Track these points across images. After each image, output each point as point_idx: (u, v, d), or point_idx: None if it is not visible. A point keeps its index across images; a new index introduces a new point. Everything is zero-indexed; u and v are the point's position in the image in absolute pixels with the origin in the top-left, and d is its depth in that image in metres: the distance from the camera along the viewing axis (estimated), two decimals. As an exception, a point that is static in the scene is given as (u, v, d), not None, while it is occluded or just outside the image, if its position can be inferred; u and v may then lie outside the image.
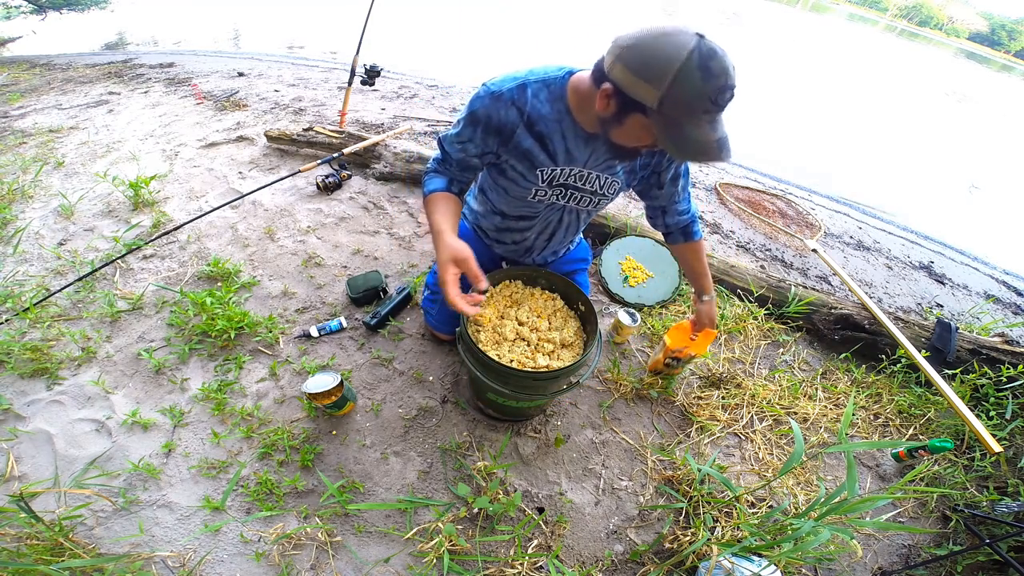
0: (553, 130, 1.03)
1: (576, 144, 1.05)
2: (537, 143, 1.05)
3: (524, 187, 1.14)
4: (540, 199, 1.17)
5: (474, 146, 1.08)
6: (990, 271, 3.13)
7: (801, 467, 1.51)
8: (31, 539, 1.09)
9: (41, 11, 5.98)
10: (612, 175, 1.13)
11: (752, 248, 2.59)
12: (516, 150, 1.06)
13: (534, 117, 1.01)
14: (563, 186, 1.14)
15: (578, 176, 1.12)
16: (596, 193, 1.16)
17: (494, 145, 1.07)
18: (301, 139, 2.64)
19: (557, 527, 1.28)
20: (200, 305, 1.63)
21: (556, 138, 1.04)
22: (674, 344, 1.52)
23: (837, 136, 5.70)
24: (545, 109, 1.01)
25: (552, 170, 1.09)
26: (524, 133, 1.03)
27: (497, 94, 1.00)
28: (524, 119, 1.02)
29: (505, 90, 0.99)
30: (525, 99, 1.00)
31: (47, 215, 2.15)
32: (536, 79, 1.01)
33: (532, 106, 1.00)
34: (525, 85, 1.00)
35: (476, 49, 6.45)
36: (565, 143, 1.05)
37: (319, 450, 1.36)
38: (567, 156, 1.07)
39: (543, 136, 1.04)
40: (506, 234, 1.35)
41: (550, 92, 1.00)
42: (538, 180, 1.11)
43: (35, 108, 3.25)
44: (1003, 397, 1.70)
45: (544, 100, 1.01)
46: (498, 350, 1.22)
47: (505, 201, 1.24)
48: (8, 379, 1.46)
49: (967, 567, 1.33)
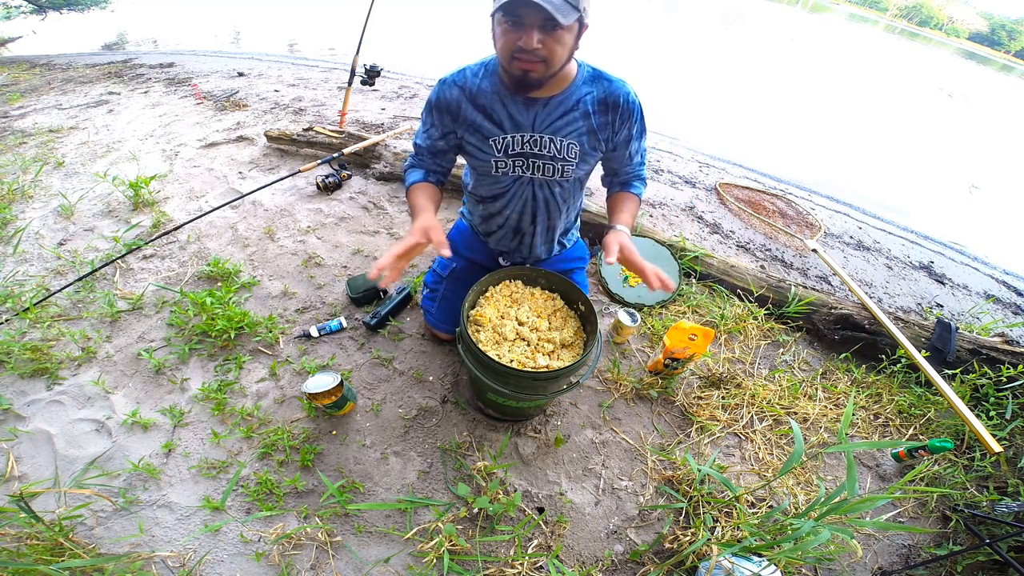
0: (493, 100, 1.15)
1: (518, 110, 1.14)
2: (481, 114, 1.17)
3: (483, 160, 1.23)
4: (503, 171, 1.24)
5: (435, 129, 1.24)
6: (990, 271, 3.13)
7: (801, 467, 1.51)
8: (31, 539, 1.09)
9: (41, 11, 5.97)
10: (565, 137, 1.17)
11: (752, 248, 2.59)
12: (466, 124, 1.19)
13: (474, 92, 1.15)
14: (521, 155, 1.20)
15: (532, 142, 1.18)
16: (556, 158, 1.20)
17: (450, 124, 1.21)
18: (301, 139, 2.65)
19: (557, 527, 1.28)
20: (200, 305, 1.63)
21: (498, 107, 1.15)
22: (674, 345, 1.52)
23: (837, 136, 5.70)
24: (484, 84, 1.15)
25: (503, 138, 1.18)
26: (469, 107, 1.17)
27: (443, 81, 1.19)
28: (467, 94, 1.16)
29: (449, 77, 1.18)
30: (465, 78, 1.17)
31: (47, 215, 2.15)
32: (476, 63, 1.18)
33: (472, 83, 1.16)
34: (465, 69, 1.18)
35: (476, 49, 6.44)
36: (507, 110, 1.15)
37: (319, 450, 1.36)
38: (512, 122, 1.16)
39: (485, 108, 1.16)
40: (491, 221, 1.42)
41: (487, 69, 1.16)
42: (493, 150, 1.20)
43: (35, 108, 3.25)
44: (1003, 397, 1.70)
45: (482, 76, 1.16)
46: (498, 350, 1.22)
47: (477, 181, 1.34)
48: (8, 379, 1.46)
49: (967, 567, 1.33)
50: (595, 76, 1.16)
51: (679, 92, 5.95)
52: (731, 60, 9.32)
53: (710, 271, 2.13)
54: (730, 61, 9.22)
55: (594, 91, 1.15)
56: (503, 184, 1.28)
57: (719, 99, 6.17)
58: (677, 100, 5.52)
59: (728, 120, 5.21)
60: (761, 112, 5.89)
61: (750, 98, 6.46)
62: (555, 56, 0.99)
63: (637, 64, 6.79)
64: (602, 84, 1.15)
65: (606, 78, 1.16)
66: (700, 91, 6.36)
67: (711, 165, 3.65)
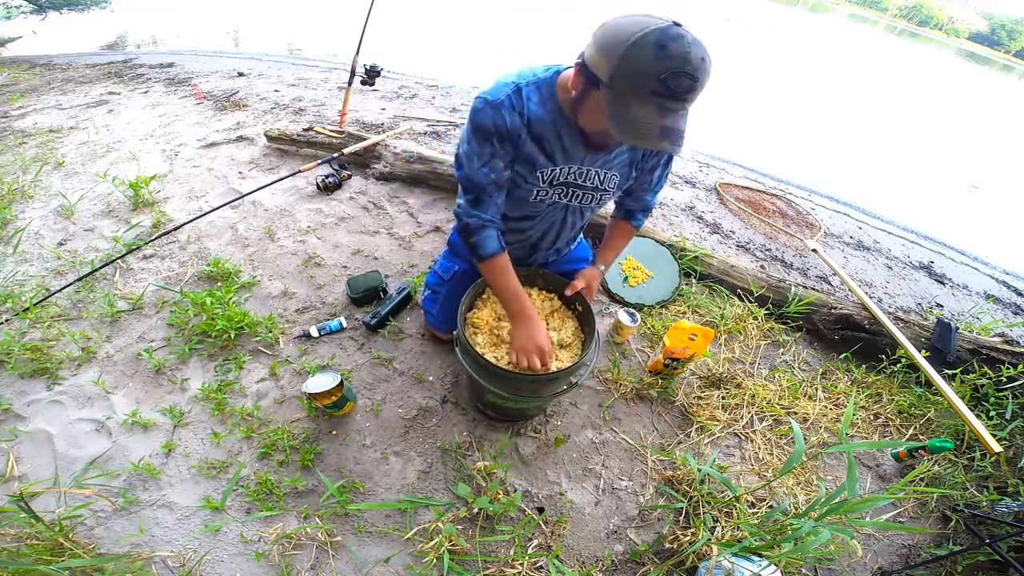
0: (548, 130, 1.02)
1: (572, 142, 1.04)
2: (536, 145, 1.04)
3: (526, 189, 1.14)
4: (542, 199, 1.17)
5: (499, 159, 1.05)
6: (990, 271, 3.13)
7: (801, 467, 1.51)
8: (31, 539, 1.09)
9: (41, 11, 5.97)
10: (609, 169, 1.13)
11: (752, 248, 2.59)
12: (520, 155, 1.05)
13: (532, 120, 1.01)
14: (564, 184, 1.14)
15: (577, 174, 1.12)
16: (597, 189, 1.16)
17: (511, 152, 1.04)
18: (301, 139, 2.64)
19: (557, 527, 1.28)
20: (200, 305, 1.63)
21: (552, 138, 1.03)
22: (674, 345, 1.52)
23: (837, 136, 5.70)
24: (539, 111, 1.01)
25: (552, 170, 1.09)
26: (527, 138, 1.03)
27: (496, 103, 0.98)
28: (525, 123, 1.01)
29: (503, 97, 0.99)
30: (523, 103, 0.99)
31: (47, 215, 2.15)
32: (528, 82, 1.00)
33: (529, 109, 1.00)
34: (520, 88, 0.99)
35: (476, 49, 6.45)
36: (561, 142, 1.04)
37: (319, 450, 1.36)
38: (564, 155, 1.07)
39: (540, 138, 1.03)
40: (508, 234, 1.35)
41: (541, 93, 1.00)
42: (539, 181, 1.11)
43: (35, 108, 3.25)
44: (1003, 397, 1.70)
45: (537, 102, 1.00)
46: (496, 352, 1.22)
47: (507, 203, 1.22)
48: (8, 379, 1.46)
49: (967, 567, 1.33)
50: None
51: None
52: (731, 60, 9.31)
53: (710, 271, 2.13)
54: (730, 61, 9.21)
55: None
56: (538, 210, 1.23)
57: (719, 99, 6.16)
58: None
59: (728, 120, 5.20)
60: (761, 112, 5.89)
61: (750, 98, 6.45)
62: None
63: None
64: None
65: None
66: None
67: (711, 165, 3.65)
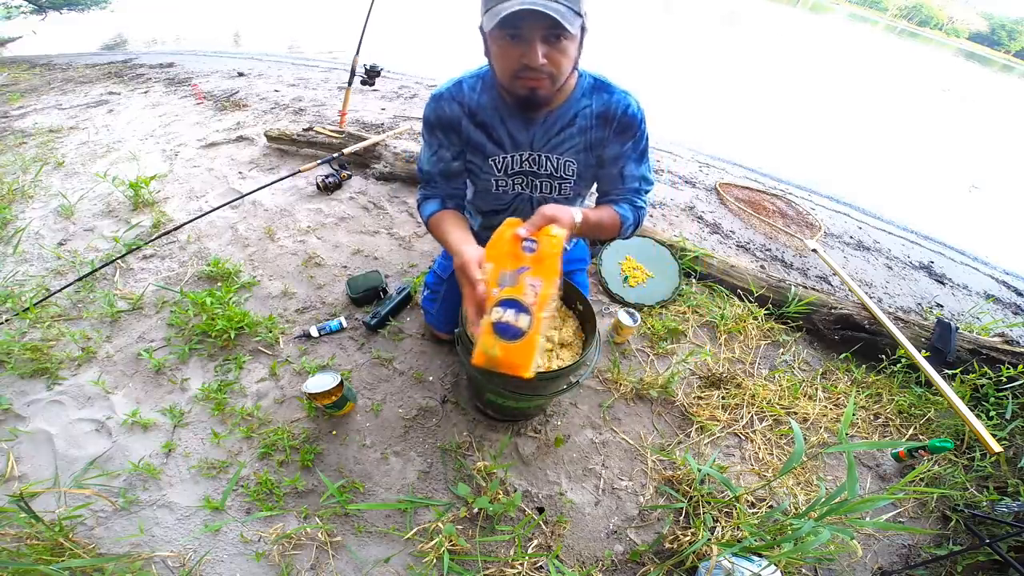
0: (493, 117, 1.08)
1: (517, 128, 1.09)
2: (483, 133, 1.11)
3: (485, 179, 1.19)
4: (504, 189, 1.22)
5: (446, 150, 1.14)
6: (990, 271, 3.13)
7: (801, 467, 1.51)
8: (31, 539, 1.09)
9: (41, 11, 5.98)
10: (562, 155, 1.14)
11: (752, 248, 2.59)
12: (468, 143, 1.13)
13: (474, 108, 1.08)
14: (520, 173, 1.17)
15: (531, 161, 1.15)
16: (553, 176, 1.17)
17: (457, 142, 1.13)
18: (301, 139, 2.65)
19: (557, 527, 1.28)
20: (200, 305, 1.63)
21: (497, 124, 1.09)
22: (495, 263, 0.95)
23: (837, 136, 5.70)
24: (483, 98, 1.07)
25: (504, 158, 1.14)
26: (469, 125, 1.10)
27: (438, 95, 1.09)
28: (466, 111, 1.08)
29: (444, 90, 1.09)
30: (462, 92, 1.08)
31: (47, 215, 2.15)
32: (470, 74, 1.09)
33: (470, 98, 1.08)
34: (461, 81, 1.09)
35: (476, 49, 6.44)
36: (507, 127, 1.09)
37: (319, 450, 1.36)
38: (512, 142, 1.11)
39: (486, 125, 1.10)
40: (492, 231, 1.36)
41: (484, 82, 1.08)
42: (494, 170, 1.16)
43: (35, 108, 3.25)
44: (1003, 397, 1.70)
45: (480, 91, 1.07)
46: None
47: (477, 196, 1.29)
48: (8, 379, 1.46)
49: (967, 567, 1.33)
50: (596, 86, 1.08)
51: (679, 92, 5.94)
52: (731, 59, 9.32)
53: (710, 271, 2.13)
54: (730, 60, 9.21)
55: (593, 103, 1.07)
56: (504, 201, 1.26)
57: (719, 99, 6.16)
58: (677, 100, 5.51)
59: (728, 120, 5.20)
60: (761, 112, 5.89)
61: (750, 98, 6.46)
62: (561, 69, 0.92)
63: (636, 64, 6.78)
64: (602, 96, 1.07)
65: (607, 89, 1.08)
66: (700, 91, 6.36)
67: (711, 165, 3.64)
